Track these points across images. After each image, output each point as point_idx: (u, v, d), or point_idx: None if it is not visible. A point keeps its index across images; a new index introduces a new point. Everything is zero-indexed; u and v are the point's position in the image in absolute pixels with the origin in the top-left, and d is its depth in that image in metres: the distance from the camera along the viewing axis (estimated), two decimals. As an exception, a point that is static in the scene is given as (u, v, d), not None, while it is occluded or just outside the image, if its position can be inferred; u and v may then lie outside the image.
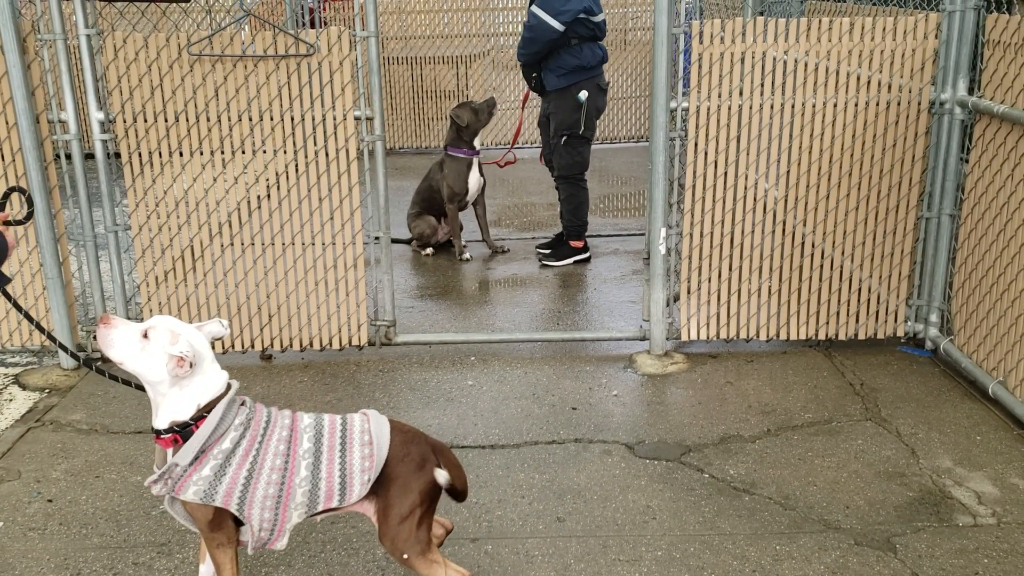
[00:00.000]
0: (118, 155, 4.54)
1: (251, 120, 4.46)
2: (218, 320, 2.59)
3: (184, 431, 2.46)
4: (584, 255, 6.36)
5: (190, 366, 2.43)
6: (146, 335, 2.44)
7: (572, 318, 5.36)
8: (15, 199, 4.34)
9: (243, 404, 2.57)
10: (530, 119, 9.29)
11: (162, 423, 2.49)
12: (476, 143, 6.44)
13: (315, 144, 4.49)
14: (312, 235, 4.60)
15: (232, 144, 4.49)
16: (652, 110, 4.41)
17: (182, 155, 4.50)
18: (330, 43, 4.36)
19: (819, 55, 4.39)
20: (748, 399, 4.27)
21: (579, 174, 6.22)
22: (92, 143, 4.50)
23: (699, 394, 4.34)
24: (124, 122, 4.44)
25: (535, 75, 6.07)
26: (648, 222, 4.62)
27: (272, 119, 4.45)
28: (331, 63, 4.38)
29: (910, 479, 3.58)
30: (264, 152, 4.50)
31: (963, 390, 4.31)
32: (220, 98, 4.42)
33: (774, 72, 4.41)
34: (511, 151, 6.75)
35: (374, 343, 4.82)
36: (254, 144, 4.49)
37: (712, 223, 4.60)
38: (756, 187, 4.56)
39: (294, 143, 4.49)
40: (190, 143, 4.48)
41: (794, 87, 4.43)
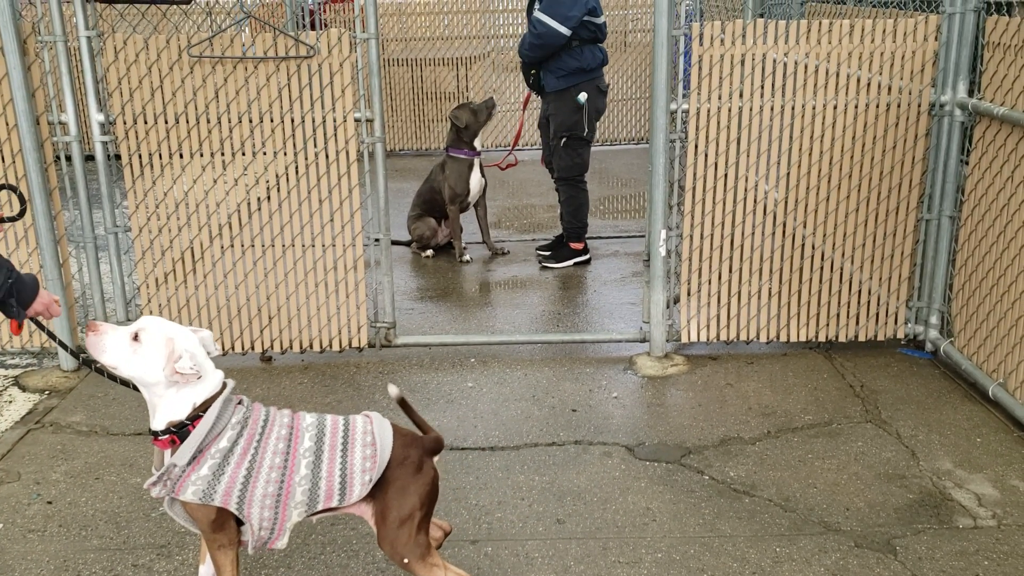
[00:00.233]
0: (118, 157, 4.54)
1: (251, 122, 4.46)
2: (211, 333, 2.59)
3: (181, 431, 2.46)
4: (584, 257, 6.36)
5: (197, 377, 2.45)
6: (136, 337, 2.43)
7: (572, 320, 5.36)
8: (13, 198, 4.34)
9: (240, 403, 2.57)
10: (530, 121, 9.29)
11: (159, 424, 2.49)
12: (477, 144, 6.44)
13: (315, 146, 4.49)
14: (312, 237, 4.60)
15: (232, 146, 4.49)
16: (652, 112, 4.42)
17: (182, 157, 4.50)
18: (330, 45, 4.36)
19: (819, 57, 4.39)
20: (748, 401, 4.27)
21: (579, 176, 6.22)
22: (92, 145, 4.50)
23: (699, 396, 4.33)
24: (124, 124, 4.44)
25: (534, 73, 6.08)
26: (648, 224, 4.62)
27: (272, 121, 4.46)
28: (331, 65, 4.39)
29: (910, 481, 3.58)
30: (264, 154, 4.50)
31: (963, 392, 4.31)
32: (220, 100, 4.42)
33: (774, 74, 4.42)
34: (512, 153, 6.76)
35: (374, 345, 4.82)
36: (254, 146, 4.50)
37: (712, 225, 4.60)
38: (756, 189, 4.56)
39: (294, 145, 4.49)
40: (190, 145, 4.49)
41: (794, 89, 4.43)
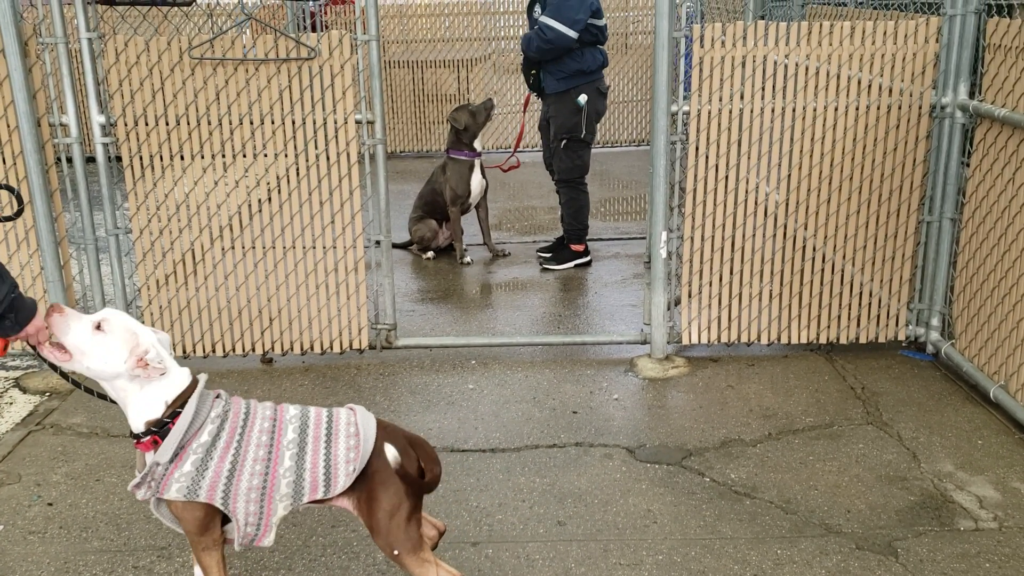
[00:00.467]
0: (119, 159, 4.54)
1: (252, 124, 4.46)
2: (167, 335, 2.57)
3: (162, 431, 2.45)
4: (585, 259, 6.36)
5: (161, 373, 2.43)
6: (99, 327, 2.40)
7: (573, 322, 5.36)
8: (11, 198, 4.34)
9: (218, 397, 2.56)
10: (531, 123, 9.30)
11: (138, 426, 2.47)
12: (477, 145, 6.44)
13: (316, 148, 4.49)
14: (313, 239, 4.60)
15: (233, 148, 4.49)
16: (653, 114, 4.42)
17: (183, 159, 4.50)
18: (331, 47, 4.37)
19: (820, 59, 4.39)
20: (749, 403, 4.27)
21: (579, 178, 6.22)
22: (93, 146, 4.50)
23: (700, 398, 4.33)
24: (125, 125, 4.44)
25: (534, 74, 6.08)
26: (649, 226, 4.62)
27: (273, 123, 4.46)
28: (332, 67, 4.39)
29: (911, 483, 3.58)
30: (265, 156, 4.51)
31: (964, 394, 4.30)
32: (221, 102, 4.42)
33: (775, 76, 4.42)
34: (514, 155, 6.76)
35: (375, 347, 4.81)
36: (255, 148, 4.50)
37: (713, 227, 4.60)
38: (757, 191, 4.56)
39: (295, 147, 4.49)
40: (191, 146, 4.49)
41: (795, 91, 4.43)
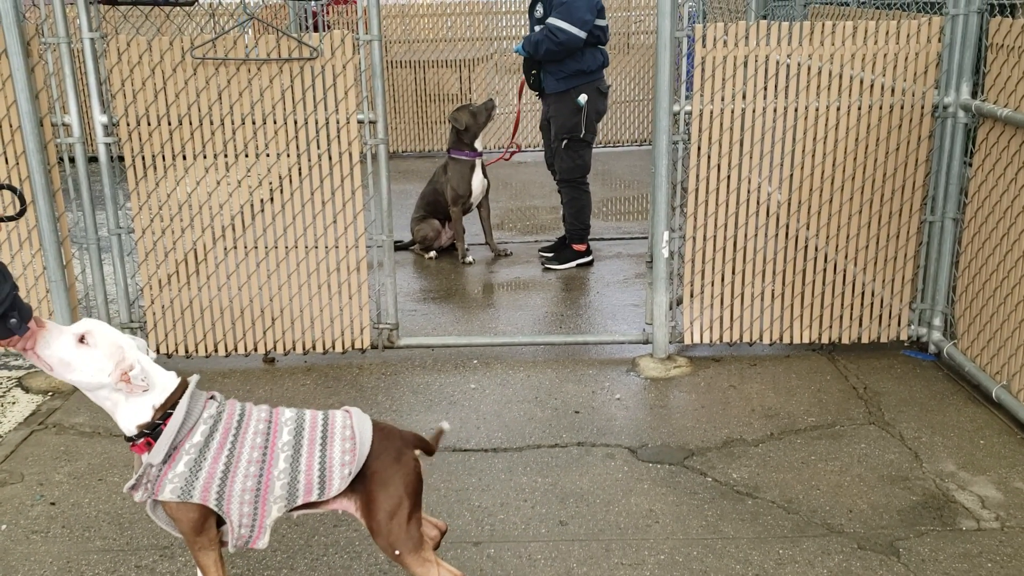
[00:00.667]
0: (121, 158, 4.54)
1: (255, 123, 4.46)
2: (144, 341, 2.55)
3: (155, 432, 2.44)
4: (587, 258, 6.36)
5: (143, 391, 2.42)
6: (83, 340, 2.38)
7: (575, 321, 5.36)
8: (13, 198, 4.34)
9: (212, 398, 2.55)
10: (528, 116, 9.29)
11: (129, 430, 2.46)
12: (478, 145, 6.44)
13: (318, 148, 4.49)
14: (315, 238, 4.60)
15: (235, 147, 4.50)
16: (655, 113, 4.42)
17: (185, 158, 4.51)
18: (333, 47, 4.37)
19: (822, 59, 4.39)
20: (751, 403, 4.27)
21: (580, 177, 6.22)
22: (96, 146, 4.51)
23: (702, 398, 4.33)
24: (128, 125, 4.45)
25: (534, 73, 6.08)
26: (651, 225, 4.62)
27: (275, 122, 4.46)
28: (334, 67, 4.39)
29: (913, 483, 3.57)
30: (267, 155, 4.51)
31: (967, 394, 4.30)
32: (223, 101, 4.42)
33: (777, 76, 4.41)
34: (513, 141, 6.72)
35: (377, 346, 4.82)
36: (257, 147, 4.50)
37: (715, 226, 4.60)
38: (759, 191, 4.56)
39: (297, 146, 4.49)
40: (193, 146, 4.49)
41: (797, 91, 4.43)
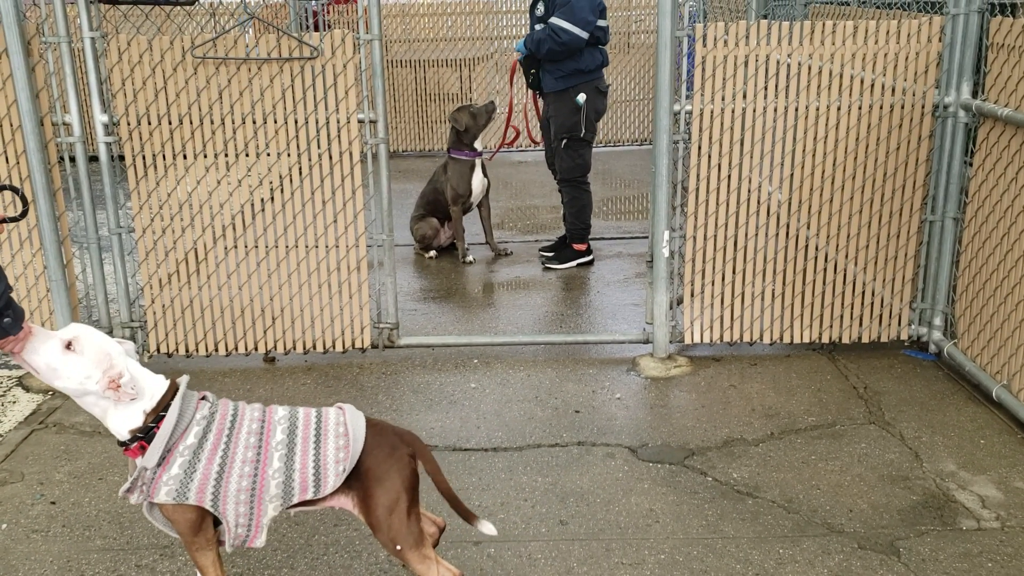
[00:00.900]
0: (122, 158, 4.54)
1: (255, 123, 4.46)
2: (132, 344, 2.54)
3: (148, 436, 2.44)
4: (587, 258, 6.36)
5: (131, 399, 2.42)
6: (69, 346, 2.37)
7: (575, 321, 5.36)
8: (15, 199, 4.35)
9: (204, 399, 2.55)
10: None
11: (122, 434, 2.45)
12: (478, 145, 6.45)
13: (319, 147, 4.49)
14: (315, 238, 4.60)
15: (236, 147, 4.50)
16: (655, 113, 4.42)
17: (186, 158, 4.51)
18: (334, 46, 4.37)
19: (823, 58, 4.39)
20: (752, 402, 4.26)
21: (581, 177, 6.22)
22: (96, 146, 4.51)
23: (702, 397, 4.33)
24: (128, 125, 4.45)
25: (533, 72, 6.08)
26: (651, 225, 4.62)
27: (276, 122, 4.46)
28: (335, 66, 4.39)
29: (914, 483, 3.57)
30: (268, 155, 4.51)
31: (967, 394, 4.30)
32: (224, 101, 4.42)
33: (777, 75, 4.41)
34: (511, 126, 6.67)
35: (377, 346, 4.82)
36: (258, 147, 4.50)
37: (715, 226, 4.60)
38: (759, 190, 4.56)
39: (297, 146, 4.49)
40: (194, 146, 4.49)
41: (798, 90, 4.43)
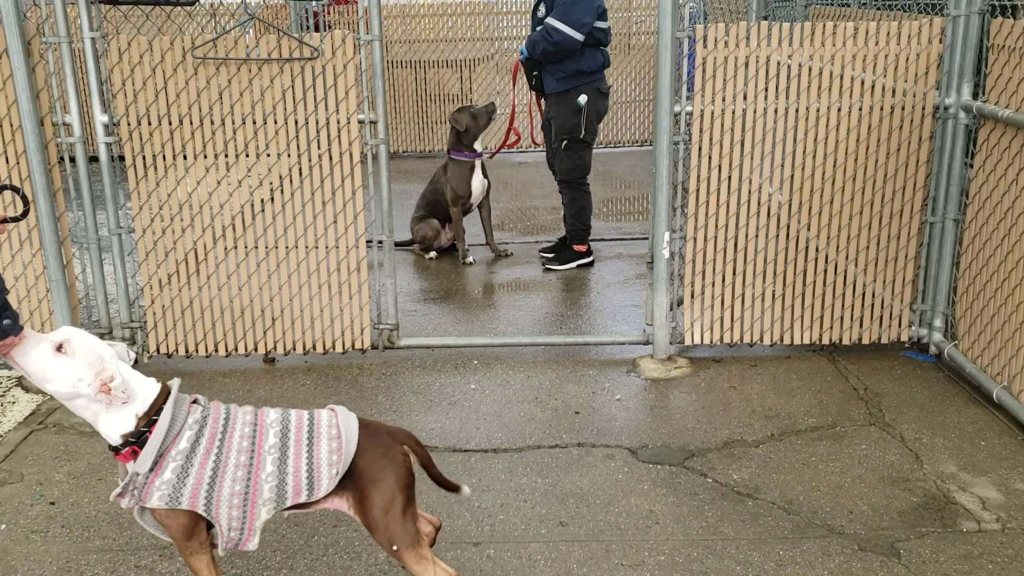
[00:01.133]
0: (122, 158, 4.54)
1: (255, 123, 4.46)
2: (124, 346, 2.52)
3: (140, 440, 2.42)
4: (587, 259, 6.35)
5: (123, 402, 2.40)
6: (60, 348, 2.35)
7: (575, 322, 5.35)
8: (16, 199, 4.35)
9: (196, 402, 2.54)
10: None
11: (114, 439, 2.44)
12: (478, 146, 6.44)
13: (319, 148, 4.49)
14: (315, 238, 4.60)
15: (236, 147, 4.50)
16: (656, 114, 4.41)
17: (186, 158, 4.50)
18: (334, 47, 4.37)
19: (823, 60, 4.39)
20: (752, 404, 4.26)
21: (580, 178, 6.21)
22: (96, 146, 4.51)
23: (703, 399, 4.33)
24: (128, 125, 4.44)
25: (536, 74, 6.08)
26: (652, 226, 4.62)
27: (276, 122, 4.46)
28: (335, 67, 4.39)
29: (914, 484, 3.57)
30: (268, 155, 4.51)
31: (967, 395, 4.30)
32: (224, 101, 4.42)
33: (778, 76, 4.41)
34: (513, 129, 6.68)
35: (377, 346, 4.81)
36: (258, 147, 4.50)
37: (716, 227, 4.59)
38: (760, 191, 4.56)
39: (298, 146, 4.49)
40: (194, 146, 4.49)
41: (798, 91, 4.43)
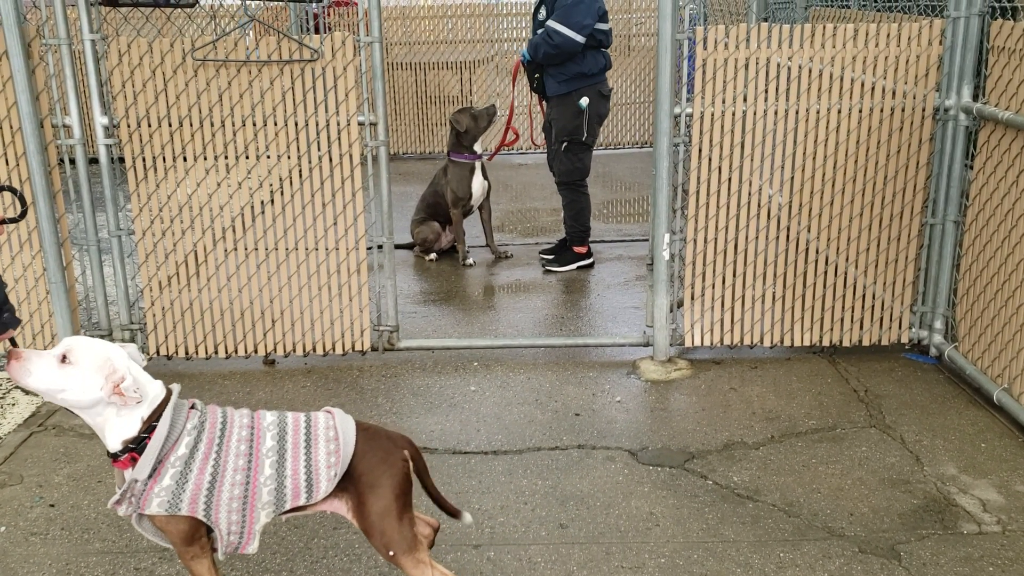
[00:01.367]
0: (122, 160, 4.54)
1: (255, 125, 4.46)
2: (135, 347, 2.51)
3: (140, 447, 2.41)
4: (587, 261, 6.35)
5: (137, 401, 2.39)
6: (64, 359, 2.35)
7: (575, 324, 5.35)
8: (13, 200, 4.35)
9: (193, 407, 2.53)
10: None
11: (114, 445, 2.42)
12: (478, 148, 6.44)
13: (319, 149, 4.49)
14: (315, 240, 4.60)
15: (236, 149, 4.50)
16: (656, 116, 4.41)
17: (186, 160, 4.50)
18: (334, 48, 4.37)
19: (823, 61, 4.39)
20: (752, 405, 4.26)
21: (579, 180, 6.21)
22: (96, 148, 4.51)
23: (703, 400, 4.33)
24: (128, 127, 4.44)
25: (537, 76, 6.08)
26: (652, 228, 4.62)
27: (276, 124, 4.46)
28: (335, 68, 4.39)
29: (914, 486, 3.57)
30: (268, 157, 4.51)
31: (968, 397, 4.30)
32: (224, 103, 4.42)
33: (778, 78, 4.41)
34: (511, 128, 6.67)
35: (377, 348, 4.81)
36: (258, 149, 4.50)
37: (716, 229, 4.59)
38: (760, 193, 4.56)
39: (298, 148, 4.49)
40: (194, 148, 4.49)
41: (798, 93, 4.43)
